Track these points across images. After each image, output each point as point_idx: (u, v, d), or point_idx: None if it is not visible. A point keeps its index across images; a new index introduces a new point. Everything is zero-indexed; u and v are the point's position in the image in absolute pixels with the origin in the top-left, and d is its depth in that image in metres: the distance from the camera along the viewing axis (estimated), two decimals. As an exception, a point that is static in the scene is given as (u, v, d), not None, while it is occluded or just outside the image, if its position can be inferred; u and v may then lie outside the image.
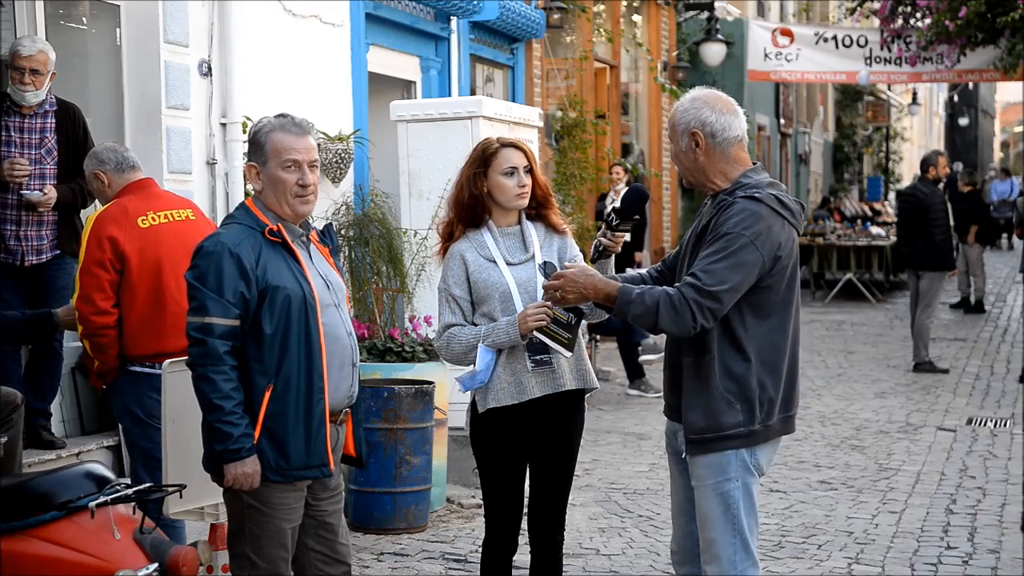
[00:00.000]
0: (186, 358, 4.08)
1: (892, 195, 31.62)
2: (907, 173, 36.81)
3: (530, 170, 4.61)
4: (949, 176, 16.53)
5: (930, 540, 6.75)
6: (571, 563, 6.22)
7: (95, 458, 6.03)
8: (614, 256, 4.47)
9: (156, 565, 3.99)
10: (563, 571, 4.76)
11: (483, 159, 4.60)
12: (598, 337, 11.56)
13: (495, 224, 4.63)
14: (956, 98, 47.73)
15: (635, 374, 11.32)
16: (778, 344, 4.05)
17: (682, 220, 17.70)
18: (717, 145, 4.07)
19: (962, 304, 17.36)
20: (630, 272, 4.49)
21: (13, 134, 6.05)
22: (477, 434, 4.62)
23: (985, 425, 9.86)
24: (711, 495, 4.04)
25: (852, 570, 6.28)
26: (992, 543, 6.66)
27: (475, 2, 10.35)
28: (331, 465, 4.14)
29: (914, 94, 34.32)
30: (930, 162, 12.75)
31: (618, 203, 11.84)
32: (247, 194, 5.33)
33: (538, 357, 4.49)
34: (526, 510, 4.71)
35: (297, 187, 4.11)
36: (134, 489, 4.13)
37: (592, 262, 4.45)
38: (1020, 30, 14.84)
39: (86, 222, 5.51)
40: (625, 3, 15.88)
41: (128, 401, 5.43)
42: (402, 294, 8.23)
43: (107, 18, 7.20)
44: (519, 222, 4.66)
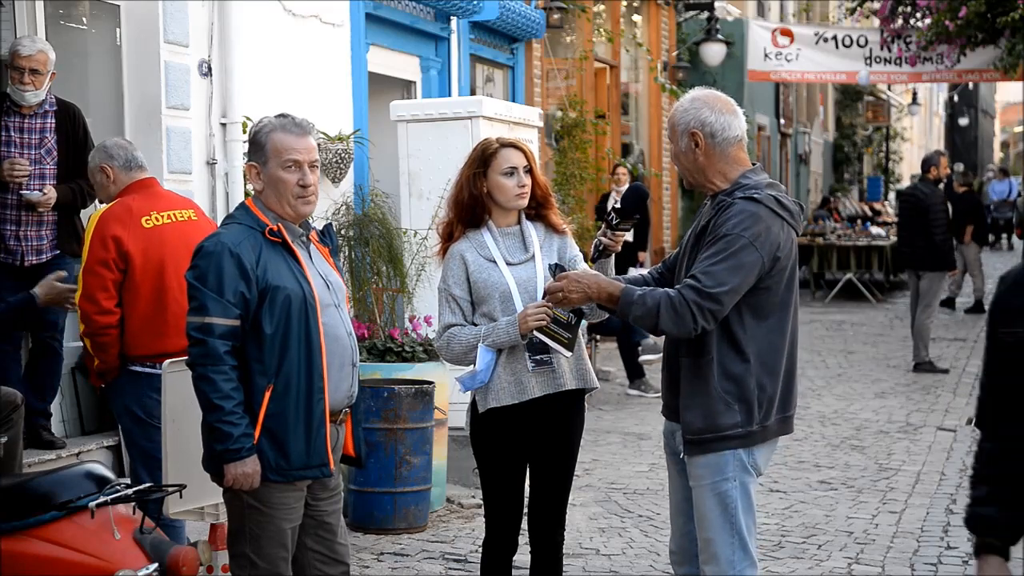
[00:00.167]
0: (186, 358, 4.09)
1: (892, 195, 31.65)
2: (907, 173, 36.83)
3: (530, 170, 4.61)
4: (947, 177, 16.51)
5: (930, 540, 6.75)
6: (571, 563, 6.22)
7: (95, 458, 6.02)
8: (619, 255, 4.48)
9: (156, 565, 3.99)
10: (563, 571, 4.76)
11: (483, 159, 4.60)
12: (598, 337, 11.56)
13: (495, 224, 4.63)
14: (956, 98, 47.74)
15: (635, 374, 11.32)
16: (777, 345, 4.05)
17: (682, 220, 17.70)
18: (717, 145, 4.07)
19: (947, 303, 17.21)
20: (632, 272, 4.49)
21: (13, 134, 6.05)
22: (477, 434, 4.62)
23: (985, 425, 9.86)
24: (709, 495, 4.04)
25: (852, 570, 6.28)
26: (992, 543, 6.65)
27: (475, 2, 10.35)
28: (331, 465, 4.14)
29: (914, 94, 34.33)
30: (931, 162, 12.74)
31: (619, 203, 11.87)
32: (247, 194, 5.33)
33: (538, 357, 4.49)
34: (526, 510, 4.72)
35: (298, 187, 4.11)
36: (134, 489, 4.14)
37: (592, 261, 4.45)
38: (1020, 30, 14.85)
39: (89, 221, 5.51)
40: (625, 3, 15.88)
41: (128, 401, 5.44)
42: (402, 294, 8.23)
43: (107, 18, 7.20)
44: (519, 222, 4.66)
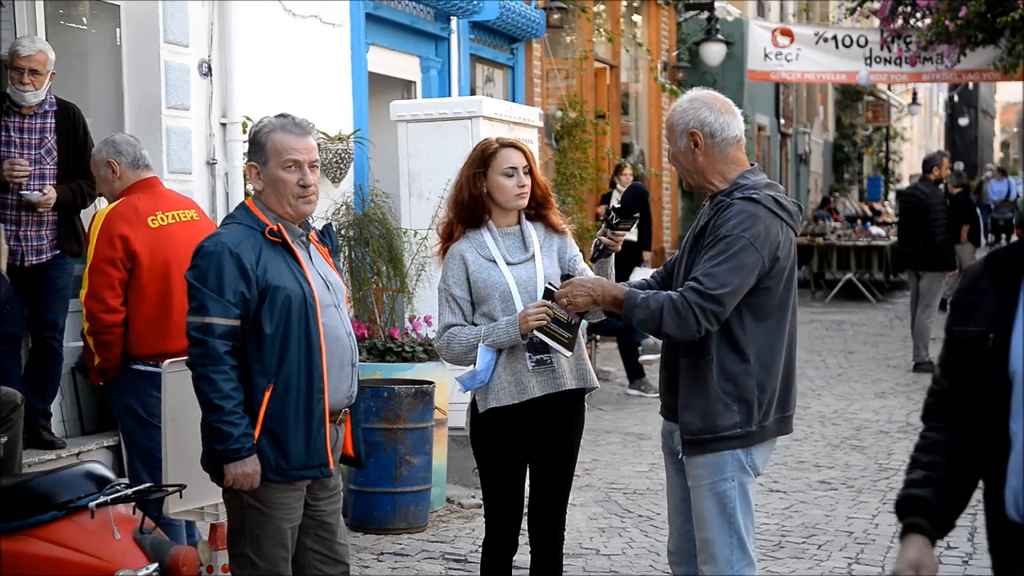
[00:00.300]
0: (186, 358, 4.09)
1: (892, 195, 31.64)
2: (907, 173, 36.79)
3: (529, 170, 4.61)
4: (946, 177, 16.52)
5: (930, 540, 6.74)
6: (571, 563, 6.22)
7: (95, 458, 6.02)
8: (623, 255, 4.47)
9: (156, 565, 4.00)
10: (563, 571, 4.76)
11: (483, 159, 4.60)
12: (598, 337, 11.56)
13: (495, 224, 4.63)
14: (956, 98, 47.70)
15: (635, 374, 11.32)
16: (776, 345, 4.05)
17: (682, 220, 17.69)
18: (716, 145, 4.07)
19: (947, 303, 17.25)
20: (637, 272, 4.50)
21: (13, 134, 6.05)
22: (477, 434, 4.62)
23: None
24: (707, 495, 4.04)
25: (852, 570, 6.27)
26: (992, 543, 6.65)
27: (475, 2, 10.34)
28: (331, 465, 4.14)
29: (914, 94, 34.31)
30: (933, 162, 12.74)
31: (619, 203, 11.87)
32: (247, 194, 5.33)
33: (538, 357, 4.49)
34: (526, 510, 4.71)
35: (298, 187, 4.11)
36: (134, 489, 4.14)
37: (592, 261, 4.45)
38: (1020, 30, 14.84)
39: (94, 219, 5.53)
40: (625, 3, 15.88)
41: (129, 400, 5.45)
42: (402, 294, 8.23)
43: (107, 18, 7.19)
44: (519, 222, 4.66)
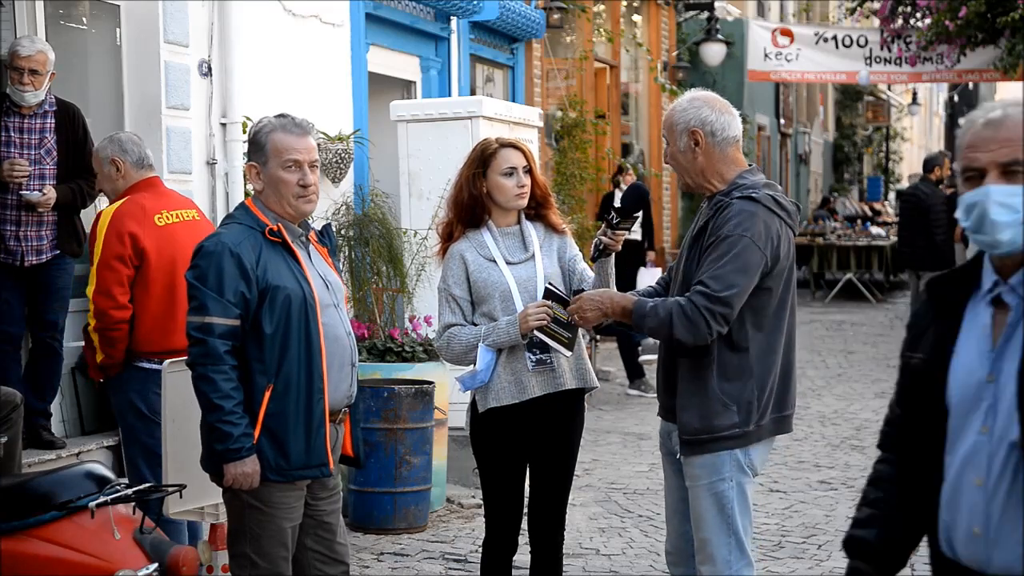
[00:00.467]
0: (186, 358, 4.09)
1: (892, 195, 31.62)
2: (907, 173, 36.77)
3: (529, 170, 4.61)
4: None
5: (930, 540, 6.74)
6: (571, 563, 6.22)
7: (95, 458, 6.02)
8: (627, 254, 4.47)
9: (156, 565, 4.00)
10: (563, 571, 4.76)
11: (482, 159, 4.60)
12: (598, 337, 11.56)
13: (495, 224, 4.63)
14: (956, 98, 47.66)
15: (635, 374, 11.32)
16: (775, 345, 4.05)
17: (682, 220, 17.69)
18: (717, 144, 4.07)
19: None
20: (643, 272, 4.50)
21: (13, 134, 6.05)
22: (477, 434, 4.62)
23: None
24: (705, 495, 4.04)
25: (852, 570, 6.27)
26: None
27: (475, 2, 10.34)
28: (331, 465, 4.14)
29: (914, 94, 34.29)
30: (935, 162, 12.74)
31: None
32: (247, 194, 5.34)
33: (538, 356, 4.49)
34: (526, 510, 4.71)
35: (298, 187, 4.11)
36: (134, 489, 4.14)
37: (592, 261, 4.45)
38: (1020, 30, 14.82)
39: (100, 217, 5.55)
40: (625, 3, 15.87)
41: (133, 396, 5.49)
42: (402, 294, 8.23)
43: (107, 18, 7.19)
44: (518, 222, 4.66)
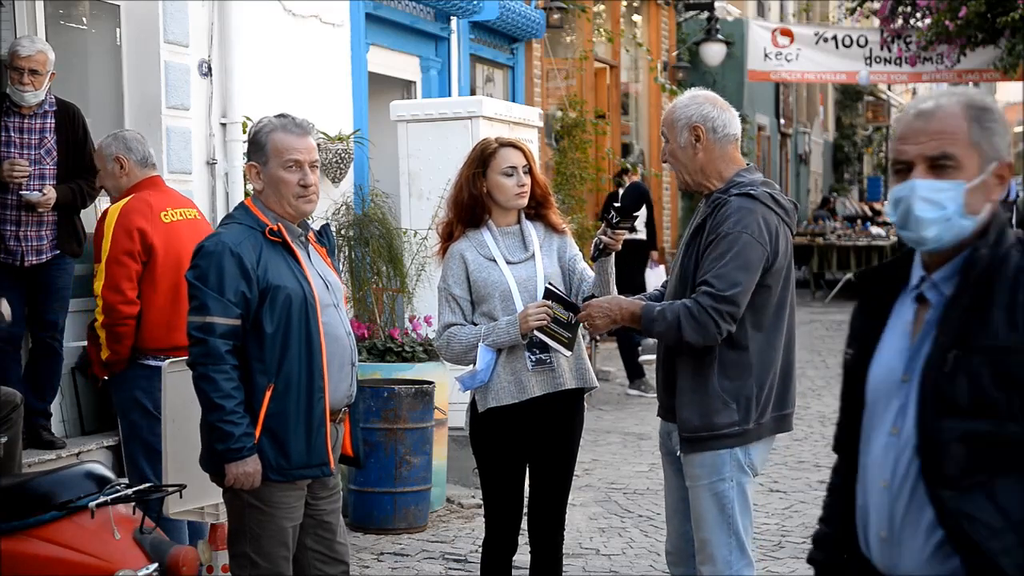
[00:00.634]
0: (186, 358, 4.09)
1: (892, 195, 31.59)
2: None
3: (529, 169, 4.61)
4: None
5: (930, 540, 6.74)
6: (571, 563, 6.22)
7: (95, 458, 6.02)
8: (632, 254, 4.47)
9: (156, 565, 4.00)
10: (563, 571, 4.76)
11: (482, 159, 4.60)
12: (598, 337, 11.56)
13: (495, 224, 4.63)
14: (956, 98, 47.66)
15: (635, 374, 11.32)
16: (774, 343, 4.06)
17: (682, 220, 17.68)
18: (717, 141, 4.08)
19: None
20: (650, 275, 4.50)
21: (13, 134, 6.05)
22: (477, 434, 4.61)
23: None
24: (706, 495, 4.04)
25: (852, 570, 6.27)
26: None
27: (475, 2, 10.34)
28: (331, 464, 4.14)
29: (914, 94, 34.32)
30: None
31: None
32: (247, 194, 5.34)
33: (538, 356, 4.49)
34: (526, 510, 4.71)
35: (299, 187, 4.12)
36: (134, 489, 4.14)
37: (592, 260, 4.45)
38: (1020, 30, 14.83)
39: (107, 215, 5.58)
40: (625, 3, 15.87)
41: (138, 393, 5.51)
42: (402, 294, 8.23)
43: (107, 18, 7.19)
44: (518, 221, 4.66)
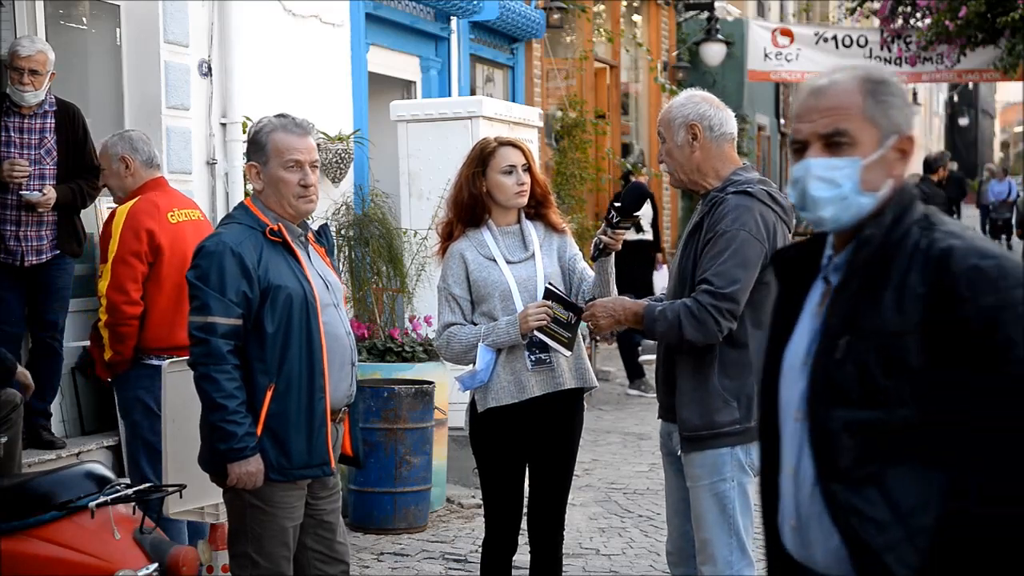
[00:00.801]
0: (187, 357, 4.09)
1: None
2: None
3: (528, 168, 4.61)
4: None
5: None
6: (571, 563, 6.22)
7: (95, 458, 6.02)
8: (637, 254, 4.47)
9: (156, 565, 4.00)
10: (563, 571, 4.76)
11: (481, 158, 4.60)
12: (598, 337, 11.55)
13: (495, 223, 4.63)
14: (956, 98, 47.72)
15: (635, 374, 11.31)
16: (775, 341, 4.05)
17: (682, 220, 17.68)
18: (714, 139, 4.08)
19: None
20: (656, 276, 4.49)
21: (12, 134, 6.05)
22: (477, 434, 4.61)
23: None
24: (706, 495, 4.04)
25: (852, 570, 6.27)
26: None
27: (475, 2, 10.34)
28: (332, 464, 4.14)
29: (914, 94, 34.31)
30: (939, 163, 12.79)
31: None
32: (247, 194, 5.34)
33: (538, 356, 4.49)
34: (526, 510, 4.71)
35: (299, 187, 4.12)
36: (134, 489, 4.14)
37: (592, 260, 4.45)
38: (1020, 30, 14.83)
39: (114, 215, 5.61)
40: (625, 3, 15.87)
41: (141, 392, 5.52)
42: (402, 294, 8.23)
43: (107, 18, 7.19)
44: (518, 221, 4.66)
